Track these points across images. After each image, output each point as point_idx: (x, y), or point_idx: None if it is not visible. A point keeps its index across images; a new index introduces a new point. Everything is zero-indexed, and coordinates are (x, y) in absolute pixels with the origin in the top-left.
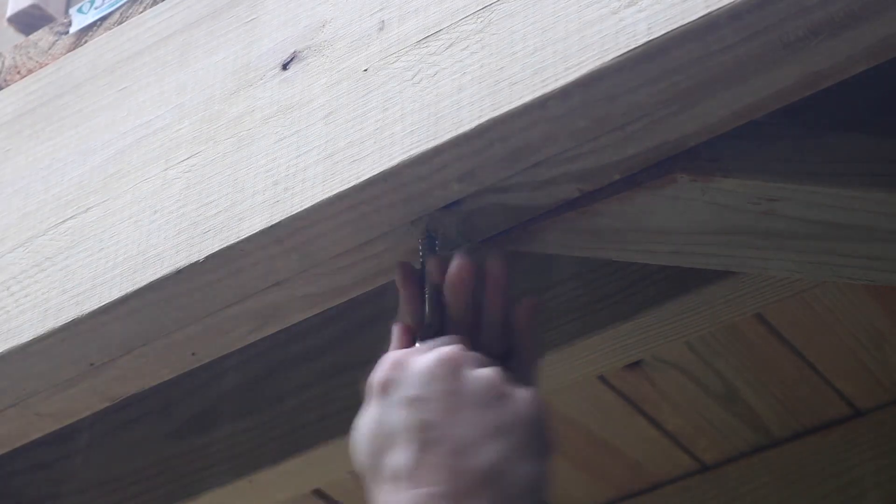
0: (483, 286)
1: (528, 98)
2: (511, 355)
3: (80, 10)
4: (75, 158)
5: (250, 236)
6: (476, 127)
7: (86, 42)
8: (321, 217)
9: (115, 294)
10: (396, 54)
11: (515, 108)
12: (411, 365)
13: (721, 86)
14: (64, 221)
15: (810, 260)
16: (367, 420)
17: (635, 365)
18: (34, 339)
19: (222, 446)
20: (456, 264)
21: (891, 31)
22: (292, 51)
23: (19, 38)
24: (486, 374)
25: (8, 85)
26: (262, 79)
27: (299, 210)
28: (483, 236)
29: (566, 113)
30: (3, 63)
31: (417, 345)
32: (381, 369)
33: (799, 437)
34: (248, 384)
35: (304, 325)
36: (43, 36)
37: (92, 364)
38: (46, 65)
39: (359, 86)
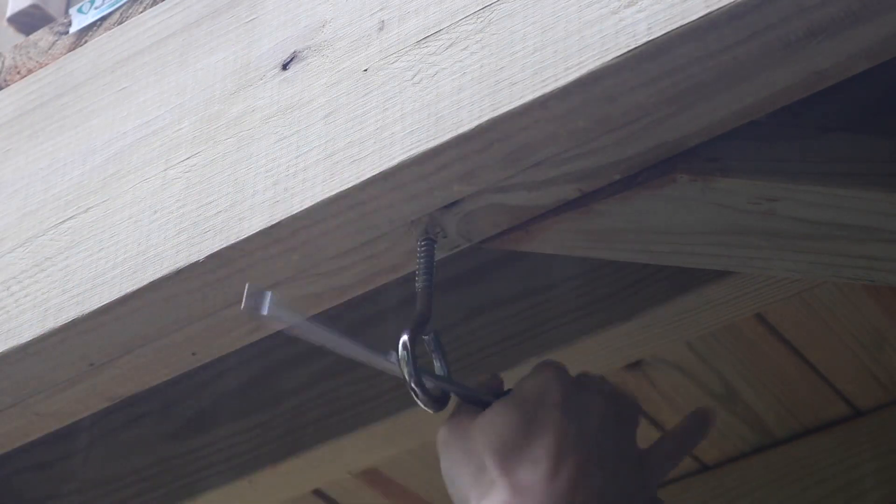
0: None
1: (528, 98)
2: None
3: (80, 10)
4: (75, 158)
5: (250, 236)
6: (476, 127)
7: (86, 42)
8: (321, 217)
9: (116, 294)
10: (396, 54)
11: (515, 108)
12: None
13: (721, 86)
14: (64, 221)
15: (810, 260)
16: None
17: (635, 365)
18: (34, 339)
19: (222, 446)
20: None
21: (891, 31)
22: (292, 51)
23: (19, 38)
24: None
25: (8, 85)
26: (262, 79)
27: (299, 210)
28: (483, 236)
29: (566, 113)
30: (3, 63)
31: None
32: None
33: (799, 437)
34: (248, 384)
35: None
36: (43, 36)
37: (92, 364)
38: (46, 65)
39: (359, 86)
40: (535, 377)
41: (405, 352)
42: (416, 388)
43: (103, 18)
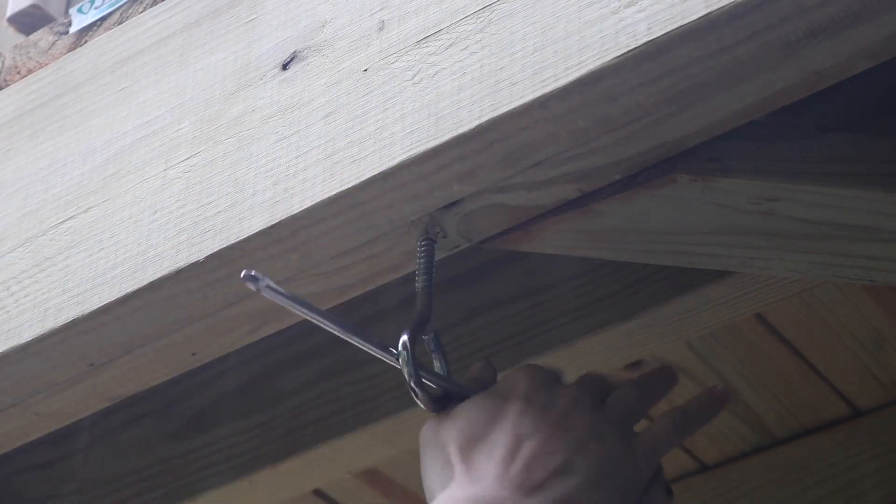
0: None
1: (528, 98)
2: None
3: (80, 10)
4: (75, 158)
5: (250, 236)
6: (476, 127)
7: (86, 42)
8: (321, 217)
9: (116, 294)
10: (396, 54)
11: (515, 108)
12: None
13: (721, 86)
14: (64, 221)
15: (810, 260)
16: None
17: (635, 365)
18: (34, 339)
19: (222, 446)
20: None
21: (891, 31)
22: (292, 51)
23: (19, 38)
24: None
25: (8, 85)
26: (262, 79)
27: (299, 210)
28: (483, 236)
29: (566, 113)
30: (3, 63)
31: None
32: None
33: (799, 437)
34: (248, 384)
35: (304, 325)
36: (43, 36)
37: (92, 364)
38: (46, 65)
39: (359, 86)
40: (510, 373)
41: (405, 352)
42: (415, 388)
43: (103, 18)
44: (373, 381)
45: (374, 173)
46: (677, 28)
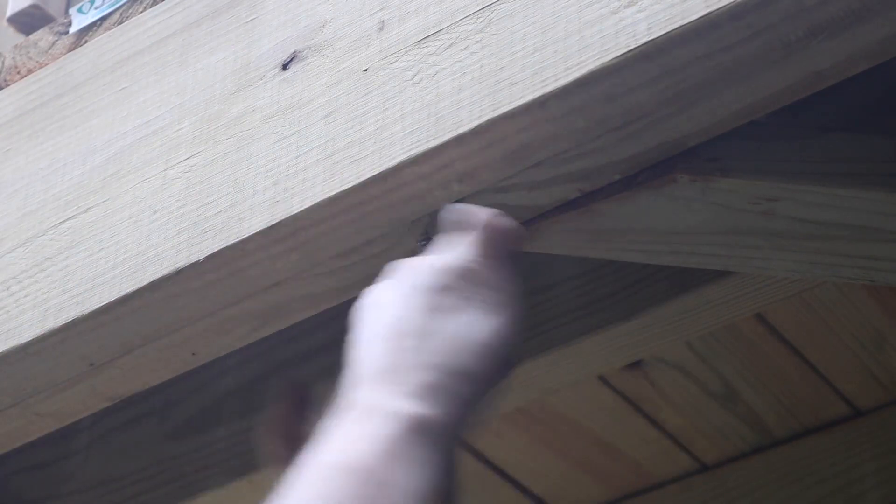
0: None
1: (528, 98)
2: None
3: (80, 10)
4: (75, 158)
5: (250, 236)
6: (476, 127)
7: (86, 42)
8: (321, 217)
9: (116, 294)
10: (396, 54)
11: (515, 108)
12: None
13: (721, 86)
14: (64, 221)
15: (810, 260)
16: None
17: (635, 365)
18: (34, 339)
19: (222, 446)
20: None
21: (891, 31)
22: (292, 51)
23: (19, 38)
24: None
25: (8, 85)
26: (262, 79)
27: (299, 210)
28: None
29: (566, 113)
30: (3, 63)
31: None
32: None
33: (799, 437)
34: (248, 384)
35: (304, 325)
36: (43, 36)
37: (92, 364)
38: (46, 65)
39: (359, 86)
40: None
41: None
42: None
43: (103, 18)
44: None
45: (374, 173)
46: (677, 28)
